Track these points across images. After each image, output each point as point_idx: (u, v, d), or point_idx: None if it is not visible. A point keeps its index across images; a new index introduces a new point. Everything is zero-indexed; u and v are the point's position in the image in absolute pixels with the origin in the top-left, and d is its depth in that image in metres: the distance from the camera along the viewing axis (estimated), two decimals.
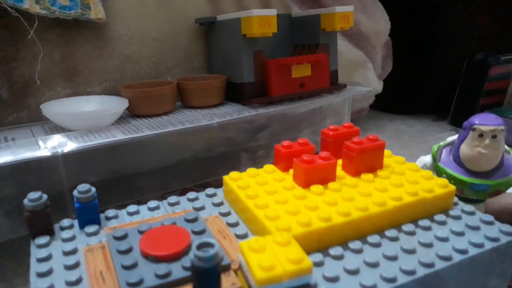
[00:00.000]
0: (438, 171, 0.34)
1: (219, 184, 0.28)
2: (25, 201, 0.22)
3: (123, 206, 0.26)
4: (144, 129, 0.38)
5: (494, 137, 0.30)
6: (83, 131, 0.37)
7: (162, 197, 0.40)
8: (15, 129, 0.41)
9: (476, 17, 0.73)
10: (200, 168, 0.53)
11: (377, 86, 0.71)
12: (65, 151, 0.33)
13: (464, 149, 0.32)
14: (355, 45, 0.65)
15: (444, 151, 0.35)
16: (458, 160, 0.33)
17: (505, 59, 0.67)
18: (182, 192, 0.49)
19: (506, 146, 0.33)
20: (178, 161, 0.52)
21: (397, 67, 0.75)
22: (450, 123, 0.75)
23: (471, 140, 0.31)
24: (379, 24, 0.68)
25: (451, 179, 0.33)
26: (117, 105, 0.40)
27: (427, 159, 0.36)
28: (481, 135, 0.31)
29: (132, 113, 0.44)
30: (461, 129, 0.33)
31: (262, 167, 0.28)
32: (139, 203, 0.26)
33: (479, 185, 0.31)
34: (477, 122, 0.31)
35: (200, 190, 0.28)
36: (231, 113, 0.44)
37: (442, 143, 0.35)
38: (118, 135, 0.37)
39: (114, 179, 0.47)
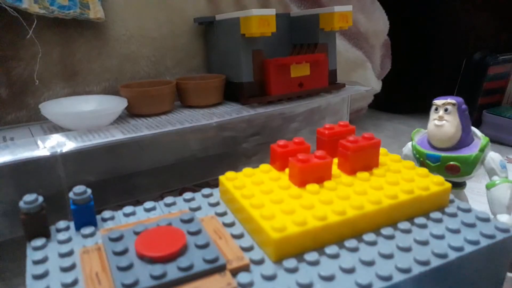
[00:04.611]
0: (414, 150, 0.36)
1: (218, 183, 0.28)
2: (21, 203, 0.22)
3: (122, 206, 0.26)
4: (143, 128, 0.39)
5: (446, 110, 0.33)
6: (82, 130, 0.37)
7: (161, 197, 0.40)
8: (13, 128, 0.41)
9: (474, 17, 0.73)
10: (199, 167, 0.53)
11: (376, 85, 0.71)
12: (64, 150, 0.33)
13: (428, 126, 0.35)
14: (354, 44, 0.65)
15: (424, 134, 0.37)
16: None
17: (503, 58, 0.67)
18: (181, 192, 0.49)
19: (476, 131, 0.35)
20: (177, 160, 0.52)
21: (396, 67, 0.75)
22: None
23: (430, 116, 0.35)
24: (377, 24, 0.68)
25: (417, 153, 0.35)
26: (116, 104, 0.41)
27: (410, 142, 0.38)
28: (436, 109, 0.34)
29: (131, 113, 0.44)
30: None
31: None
32: (138, 202, 0.26)
33: (432, 156, 0.34)
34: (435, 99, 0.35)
35: (199, 190, 0.28)
36: (230, 112, 0.44)
37: (423, 129, 0.37)
38: (117, 135, 0.37)
39: (114, 179, 0.47)
